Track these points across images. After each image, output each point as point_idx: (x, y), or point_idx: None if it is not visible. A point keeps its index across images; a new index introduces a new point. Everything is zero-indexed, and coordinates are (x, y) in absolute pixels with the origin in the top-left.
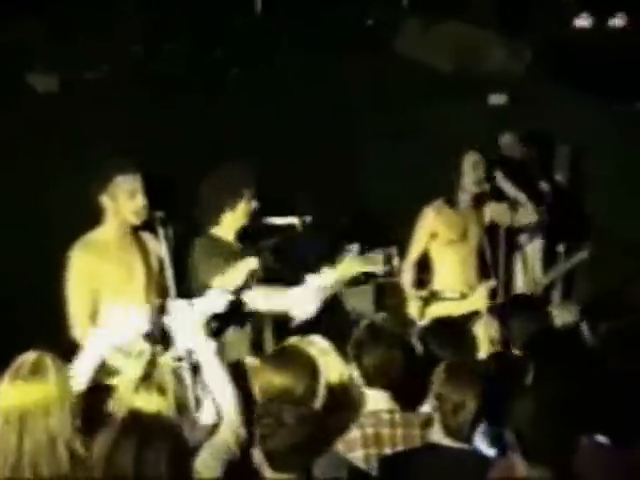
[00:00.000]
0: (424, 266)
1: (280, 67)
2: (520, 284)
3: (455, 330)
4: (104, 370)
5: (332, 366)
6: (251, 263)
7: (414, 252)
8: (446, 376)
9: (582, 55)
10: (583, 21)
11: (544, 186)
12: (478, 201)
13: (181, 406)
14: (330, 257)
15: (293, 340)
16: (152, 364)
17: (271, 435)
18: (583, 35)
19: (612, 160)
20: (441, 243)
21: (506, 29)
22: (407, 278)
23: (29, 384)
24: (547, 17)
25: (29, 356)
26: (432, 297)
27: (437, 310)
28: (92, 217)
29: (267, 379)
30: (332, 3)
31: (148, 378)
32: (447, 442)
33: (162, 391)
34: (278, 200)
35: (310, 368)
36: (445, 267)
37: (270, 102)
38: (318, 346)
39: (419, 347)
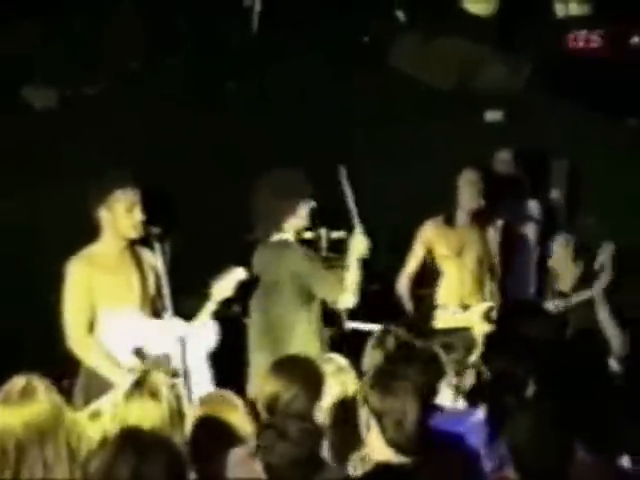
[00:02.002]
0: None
1: (276, 82)
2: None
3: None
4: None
5: (349, 384)
6: (239, 274)
7: (411, 264)
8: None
9: (580, 72)
10: (580, 38)
11: (534, 204)
12: (476, 218)
13: (174, 416)
14: None
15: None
16: (144, 375)
17: (272, 448)
18: (581, 52)
19: (609, 176)
20: (437, 258)
21: (504, 46)
22: (403, 289)
23: (20, 409)
24: (545, 34)
25: (17, 381)
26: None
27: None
28: (91, 232)
29: (259, 386)
30: (329, 19)
31: (139, 386)
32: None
33: (155, 397)
34: None
35: (305, 379)
36: (440, 283)
37: (266, 117)
38: (335, 363)
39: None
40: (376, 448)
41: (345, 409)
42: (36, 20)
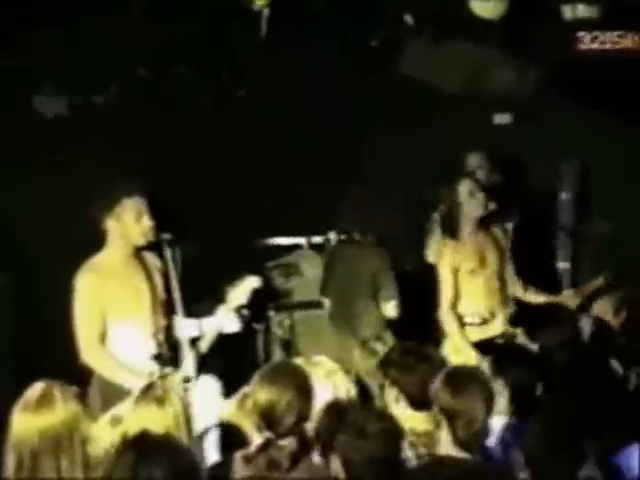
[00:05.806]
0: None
1: (285, 88)
2: None
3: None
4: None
5: (340, 386)
6: (253, 282)
7: (448, 294)
8: (453, 387)
9: (588, 74)
10: (588, 41)
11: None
12: (482, 226)
13: (180, 421)
14: None
15: (298, 360)
16: (154, 381)
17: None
18: (589, 54)
19: (618, 178)
20: (463, 274)
21: (512, 48)
22: (452, 324)
23: (36, 417)
24: (553, 37)
25: (36, 387)
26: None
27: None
28: (100, 240)
29: (253, 394)
30: (337, 24)
31: (146, 392)
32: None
33: (161, 403)
34: (283, 219)
35: (297, 385)
36: (468, 295)
37: (276, 124)
38: (325, 366)
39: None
40: (443, 444)
41: (337, 411)
42: (45, 30)
